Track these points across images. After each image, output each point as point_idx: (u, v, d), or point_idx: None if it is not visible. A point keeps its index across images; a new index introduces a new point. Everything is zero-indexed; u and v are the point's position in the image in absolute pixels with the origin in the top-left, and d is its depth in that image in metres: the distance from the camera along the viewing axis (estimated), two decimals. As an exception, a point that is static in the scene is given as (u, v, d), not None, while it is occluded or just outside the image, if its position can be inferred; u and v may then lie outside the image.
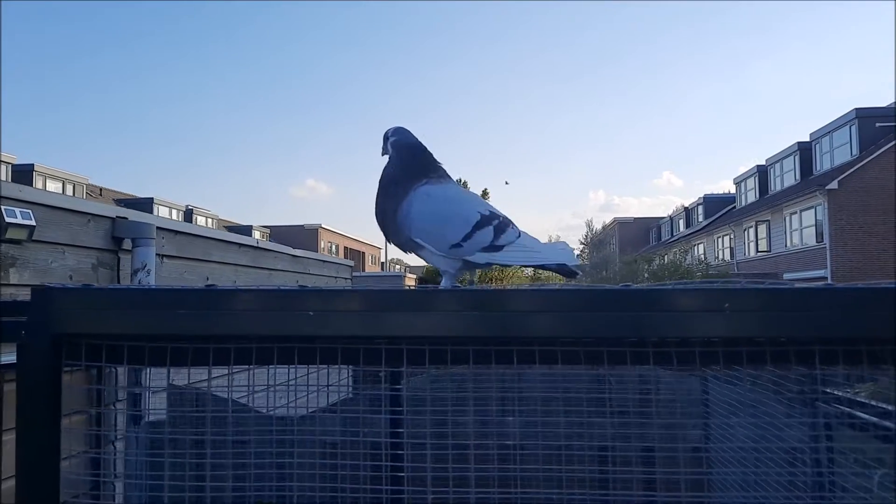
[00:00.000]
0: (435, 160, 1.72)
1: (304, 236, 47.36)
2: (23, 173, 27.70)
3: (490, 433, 1.96)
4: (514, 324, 1.18)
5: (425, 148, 1.73)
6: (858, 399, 2.28)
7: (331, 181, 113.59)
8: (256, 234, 43.44)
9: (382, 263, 61.45)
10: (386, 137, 1.76)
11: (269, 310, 1.18)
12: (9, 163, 26.98)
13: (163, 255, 4.98)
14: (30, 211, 3.66)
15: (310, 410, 1.50)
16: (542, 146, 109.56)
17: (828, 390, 2.17)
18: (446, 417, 1.35)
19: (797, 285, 1.22)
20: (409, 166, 1.67)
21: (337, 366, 1.19)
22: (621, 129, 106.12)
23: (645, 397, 2.25)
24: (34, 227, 3.67)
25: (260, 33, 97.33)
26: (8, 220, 3.49)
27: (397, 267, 65.50)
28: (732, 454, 2.52)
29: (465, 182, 34.16)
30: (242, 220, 48.99)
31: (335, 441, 1.52)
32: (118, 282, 4.54)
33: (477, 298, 1.20)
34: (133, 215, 4.70)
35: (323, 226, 54.47)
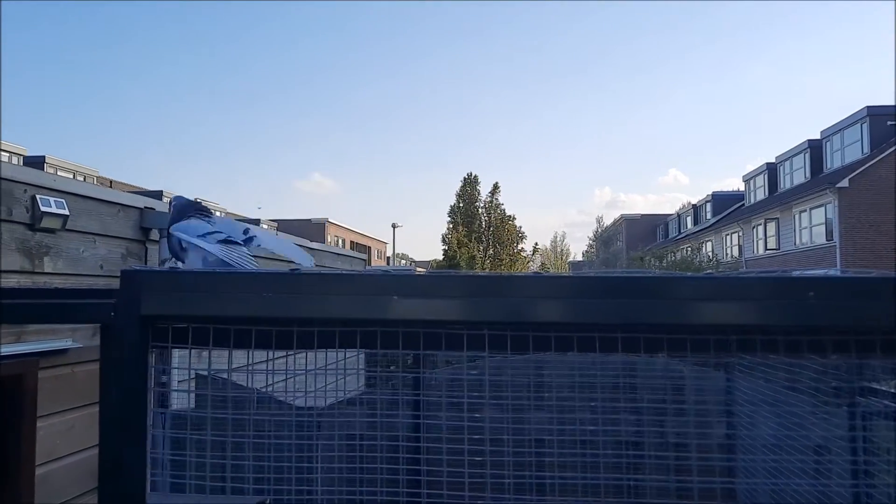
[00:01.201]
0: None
1: (311, 230, 47.38)
2: (34, 165, 27.79)
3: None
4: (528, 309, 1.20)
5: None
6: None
7: (336, 176, 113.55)
8: (264, 227, 43.43)
9: (388, 258, 61.52)
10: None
11: (354, 294, 1.20)
12: (21, 154, 27.08)
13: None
14: (63, 200, 3.69)
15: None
16: (546, 143, 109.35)
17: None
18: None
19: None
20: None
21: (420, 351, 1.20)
22: (627, 126, 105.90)
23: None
24: (67, 216, 3.70)
25: (269, 31, 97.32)
26: (43, 209, 3.52)
27: (402, 261, 65.52)
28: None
29: (475, 176, 34.11)
30: (250, 214, 49.04)
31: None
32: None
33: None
34: (160, 206, 4.73)
35: (330, 220, 54.55)
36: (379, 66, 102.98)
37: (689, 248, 31.62)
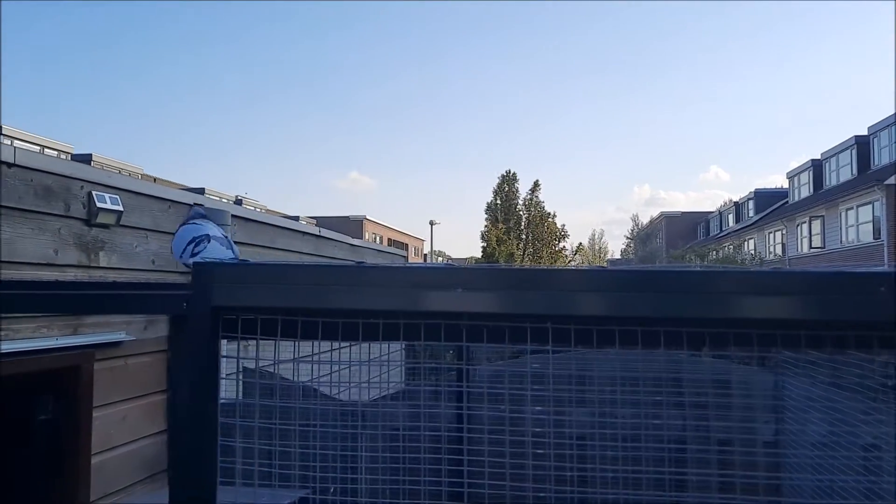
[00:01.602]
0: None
1: (350, 227, 47.71)
2: (81, 163, 28.45)
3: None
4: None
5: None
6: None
7: (374, 174, 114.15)
8: (304, 223, 43.87)
9: (425, 255, 61.71)
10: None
11: (418, 287, 1.22)
12: (67, 152, 27.74)
13: (235, 242, 5.08)
14: (118, 197, 3.78)
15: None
16: (585, 139, 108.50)
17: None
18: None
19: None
20: None
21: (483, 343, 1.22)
22: (668, 123, 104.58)
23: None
24: (122, 212, 3.79)
25: (309, 28, 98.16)
26: (99, 205, 3.61)
27: (439, 258, 65.58)
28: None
29: (514, 173, 34.00)
30: (289, 211, 49.54)
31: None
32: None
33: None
34: (209, 202, 4.81)
35: (367, 217, 54.93)
36: (418, 63, 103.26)
37: (731, 246, 31.08)
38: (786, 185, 37.93)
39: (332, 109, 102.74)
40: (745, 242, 37.55)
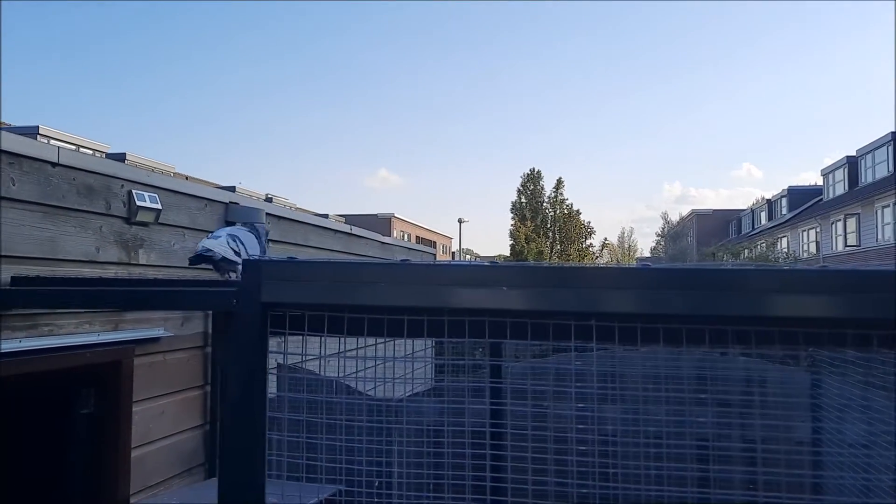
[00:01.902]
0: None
1: (378, 225, 47.93)
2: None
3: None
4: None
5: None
6: None
7: (402, 172, 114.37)
8: (334, 221, 44.20)
9: (453, 253, 61.74)
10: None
11: (454, 284, 1.23)
12: (103, 151, 28.23)
13: (269, 240, 5.13)
14: (156, 195, 3.84)
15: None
16: (614, 136, 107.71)
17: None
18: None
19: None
20: None
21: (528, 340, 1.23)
22: (699, 119, 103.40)
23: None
24: (160, 210, 3.86)
25: (339, 28, 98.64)
26: (139, 203, 3.67)
27: (468, 256, 65.59)
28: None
29: (538, 171, 33.89)
30: (318, 209, 49.91)
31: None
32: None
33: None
34: (248, 202, 4.88)
35: (396, 215, 55.15)
36: (447, 61, 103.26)
37: (765, 244, 30.65)
38: (820, 183, 37.36)
39: (362, 107, 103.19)
40: (779, 240, 37.05)
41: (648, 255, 71.21)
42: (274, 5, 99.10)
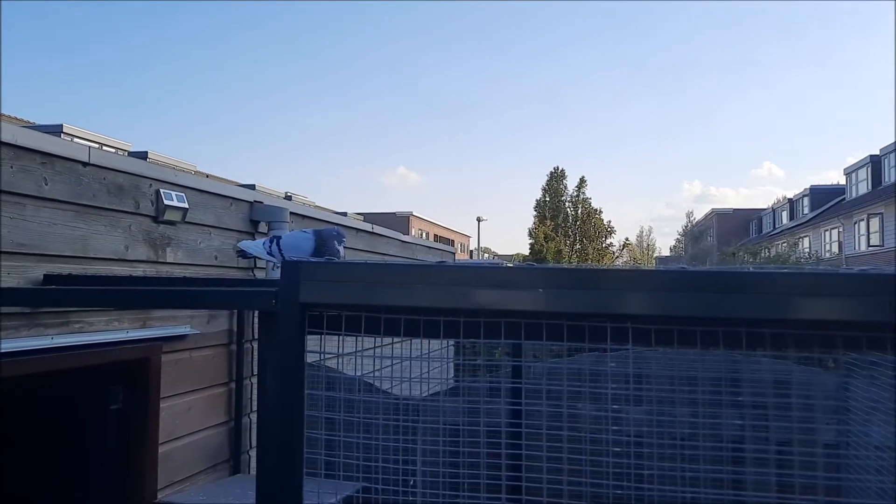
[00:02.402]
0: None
1: (396, 223, 48.00)
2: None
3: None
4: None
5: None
6: None
7: (420, 170, 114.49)
8: (352, 220, 44.36)
9: (471, 251, 61.72)
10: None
11: (490, 286, 1.25)
12: (125, 149, 28.49)
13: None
14: (184, 194, 3.89)
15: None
16: (633, 135, 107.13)
17: None
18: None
19: None
20: None
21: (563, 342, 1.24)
22: (719, 117, 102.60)
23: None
24: (187, 209, 3.90)
25: (358, 29, 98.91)
26: (166, 202, 3.72)
27: (486, 255, 65.52)
28: None
29: (562, 170, 33.75)
30: (337, 207, 50.09)
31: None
32: (254, 262, 4.77)
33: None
34: (268, 200, 4.92)
35: (414, 213, 55.17)
36: (466, 58, 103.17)
37: (786, 244, 30.34)
38: (843, 182, 36.96)
39: (380, 104, 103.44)
40: (800, 240, 36.70)
41: (667, 254, 70.82)
42: (302, 6, 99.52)
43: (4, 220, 2.86)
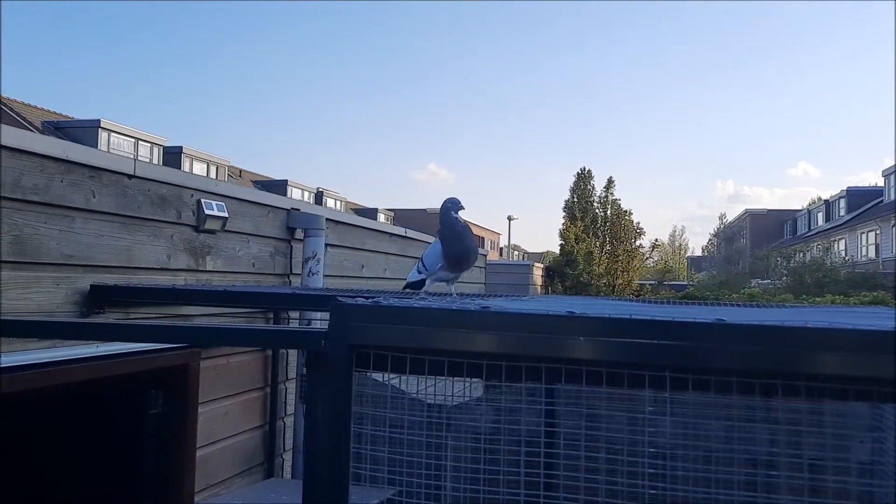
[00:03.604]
0: None
1: (427, 220, 48.02)
2: (173, 155, 29.65)
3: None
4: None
5: None
6: None
7: (452, 166, 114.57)
8: (381, 217, 44.67)
9: (501, 249, 61.64)
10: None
11: (544, 331, 1.29)
12: (161, 144, 28.95)
13: (327, 244, 5.25)
14: (223, 203, 3.97)
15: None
16: (666, 133, 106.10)
17: None
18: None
19: None
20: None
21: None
22: (753, 115, 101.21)
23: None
24: (227, 218, 3.99)
25: (391, 25, 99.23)
26: (207, 212, 3.81)
27: (515, 253, 65.37)
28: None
29: (589, 171, 33.61)
30: (368, 203, 50.39)
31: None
32: (290, 269, 4.85)
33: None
34: (305, 207, 5.00)
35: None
36: (497, 56, 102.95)
37: (819, 247, 29.85)
38: (880, 184, 36.26)
39: (412, 100, 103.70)
40: (835, 243, 36.11)
41: (700, 254, 70.11)
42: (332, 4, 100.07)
43: (54, 232, 2.96)
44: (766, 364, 1.27)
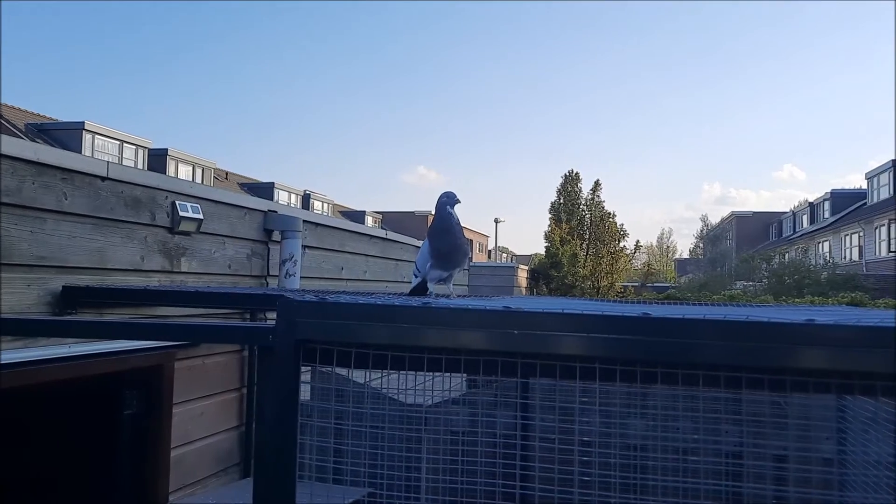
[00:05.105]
0: None
1: (415, 223, 48.15)
2: (158, 157, 29.50)
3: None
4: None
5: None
6: None
7: (441, 169, 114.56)
8: (369, 220, 44.65)
9: (489, 251, 61.72)
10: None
11: (475, 328, 1.34)
12: (146, 147, 28.81)
13: (305, 246, 5.29)
14: (198, 205, 4.00)
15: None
16: (652, 135, 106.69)
17: None
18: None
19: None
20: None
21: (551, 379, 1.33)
22: (739, 118, 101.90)
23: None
24: (202, 220, 4.02)
25: (377, 24, 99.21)
26: (181, 214, 3.84)
27: (503, 255, 65.46)
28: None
29: (576, 173, 33.81)
30: (356, 206, 50.35)
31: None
32: (267, 271, 4.89)
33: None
34: (282, 209, 5.03)
35: (432, 213, 55.19)
36: (486, 59, 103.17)
37: (800, 249, 30.06)
38: (865, 186, 36.59)
39: (401, 103, 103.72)
40: (819, 244, 36.38)
41: (687, 256, 70.44)
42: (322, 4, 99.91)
43: (25, 234, 2.99)
44: (710, 357, 1.34)
